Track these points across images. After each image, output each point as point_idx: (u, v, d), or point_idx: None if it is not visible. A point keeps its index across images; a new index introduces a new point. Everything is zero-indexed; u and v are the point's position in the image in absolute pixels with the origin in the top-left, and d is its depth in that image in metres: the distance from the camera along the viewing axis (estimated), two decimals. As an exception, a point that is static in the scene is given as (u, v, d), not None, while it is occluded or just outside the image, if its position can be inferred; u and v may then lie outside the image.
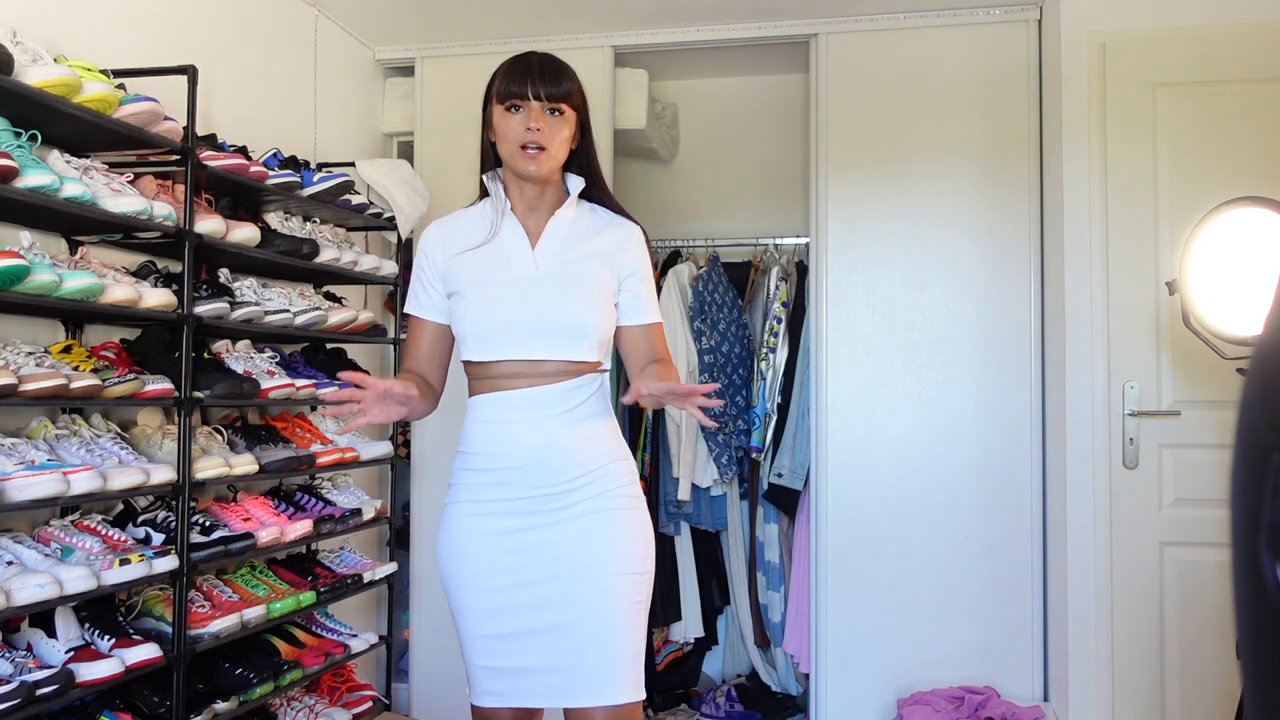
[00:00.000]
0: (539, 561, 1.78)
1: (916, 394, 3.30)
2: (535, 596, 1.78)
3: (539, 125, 1.79)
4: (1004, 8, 3.27)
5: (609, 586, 1.77)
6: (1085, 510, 2.94)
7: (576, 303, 1.81)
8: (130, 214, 2.11)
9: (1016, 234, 3.27)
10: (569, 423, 1.79)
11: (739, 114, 4.16)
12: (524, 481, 1.79)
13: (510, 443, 1.79)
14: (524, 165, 1.80)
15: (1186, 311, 2.21)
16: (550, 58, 1.86)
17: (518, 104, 1.80)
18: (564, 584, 1.77)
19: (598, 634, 1.75)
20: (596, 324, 1.81)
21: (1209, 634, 2.82)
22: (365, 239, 3.52)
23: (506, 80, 1.82)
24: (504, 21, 3.48)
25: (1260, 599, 0.56)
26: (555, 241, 1.86)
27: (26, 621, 2.00)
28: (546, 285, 1.82)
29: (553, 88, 1.81)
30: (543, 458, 1.78)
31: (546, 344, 1.79)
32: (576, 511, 1.79)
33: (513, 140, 1.80)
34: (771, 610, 3.68)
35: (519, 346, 1.79)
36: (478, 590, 1.81)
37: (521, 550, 1.79)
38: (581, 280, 1.83)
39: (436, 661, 3.57)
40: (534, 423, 1.79)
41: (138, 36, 2.56)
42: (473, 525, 1.82)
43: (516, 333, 1.79)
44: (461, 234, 1.89)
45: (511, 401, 1.80)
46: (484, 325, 1.80)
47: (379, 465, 3.22)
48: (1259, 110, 2.85)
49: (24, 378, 1.89)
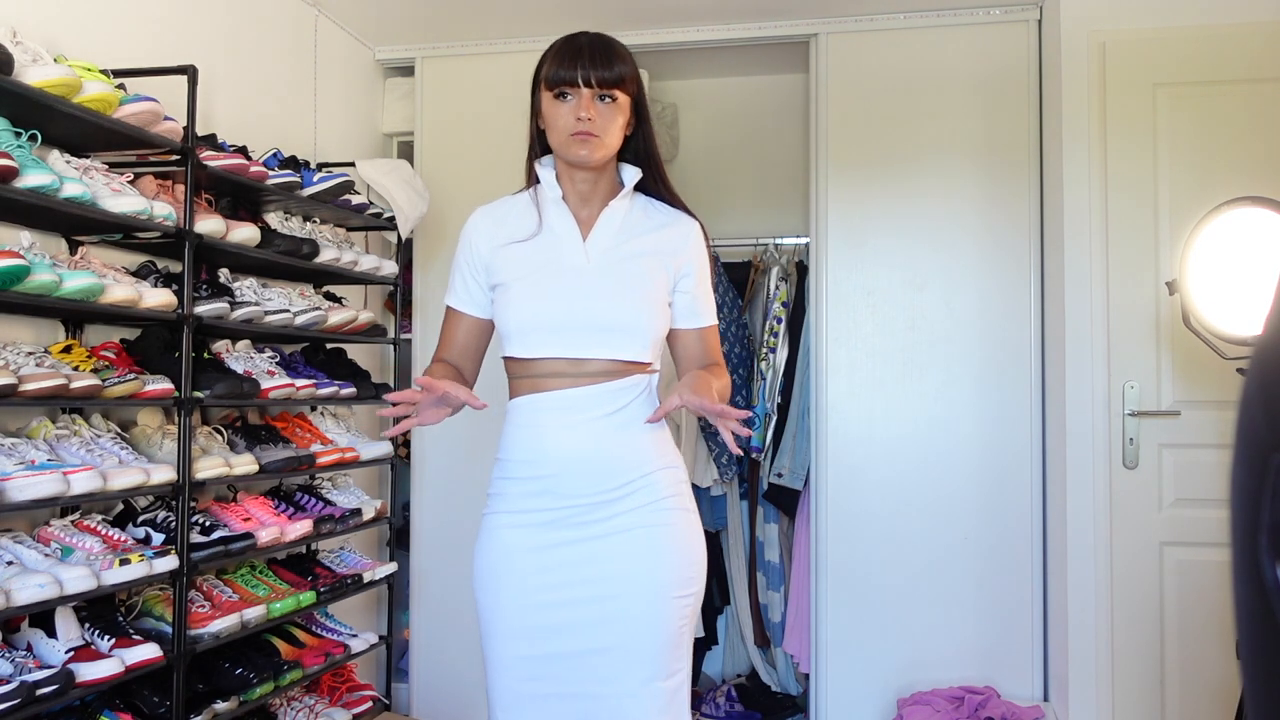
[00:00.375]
0: (581, 579, 1.65)
1: (916, 394, 3.30)
2: (575, 618, 1.65)
3: (590, 113, 1.67)
4: (1004, 8, 3.27)
5: (658, 612, 1.64)
6: (1085, 510, 2.94)
7: (629, 300, 1.69)
8: (130, 214, 2.11)
9: (1016, 234, 3.27)
10: (613, 426, 1.66)
11: (739, 114, 4.16)
12: (563, 490, 1.66)
13: (548, 447, 1.66)
14: (575, 151, 1.68)
15: (1186, 311, 2.21)
16: (602, 38, 1.73)
17: (567, 91, 1.69)
18: (608, 606, 1.64)
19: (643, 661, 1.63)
20: (649, 323, 1.69)
21: (1209, 634, 2.82)
22: (365, 239, 3.52)
23: (555, 65, 1.70)
24: (504, 21, 3.48)
25: (1260, 599, 0.56)
26: (608, 234, 1.74)
27: (26, 621, 2.00)
28: (597, 280, 1.70)
29: (604, 72, 1.68)
30: (583, 463, 1.65)
31: (595, 342, 1.67)
32: (620, 524, 1.66)
33: (562, 129, 1.68)
34: (771, 610, 3.68)
35: (565, 344, 1.67)
36: (514, 608, 1.67)
37: (562, 566, 1.66)
38: (635, 276, 1.71)
39: (436, 661, 3.57)
40: (574, 426, 1.66)
41: (138, 36, 2.56)
42: (510, 538, 1.69)
43: (563, 329, 1.67)
44: (508, 223, 1.77)
45: (551, 403, 1.67)
46: (529, 320, 1.68)
47: (379, 465, 3.22)
48: (1259, 110, 2.85)
49: (24, 378, 1.89)
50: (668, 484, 1.71)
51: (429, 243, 3.63)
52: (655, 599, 1.65)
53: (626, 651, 1.64)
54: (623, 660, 1.63)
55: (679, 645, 1.68)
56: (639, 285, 1.71)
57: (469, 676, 3.50)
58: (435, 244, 3.62)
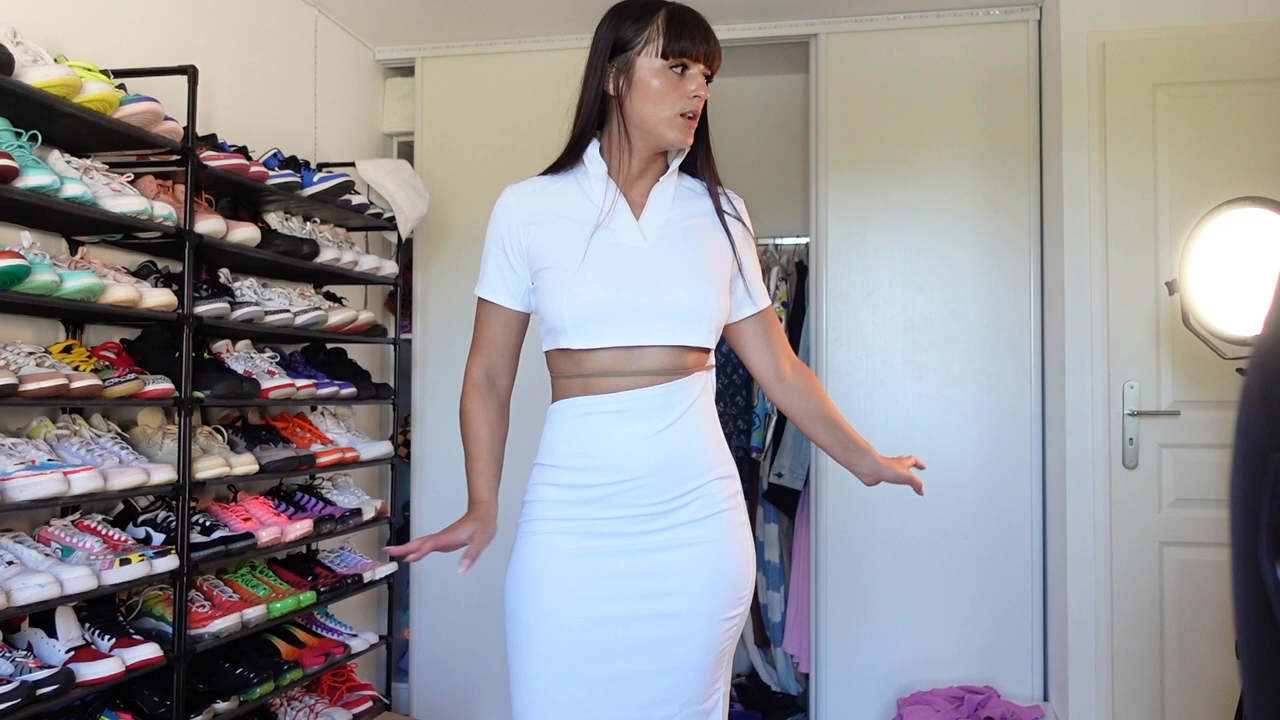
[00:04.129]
0: (634, 594, 1.54)
1: (916, 394, 3.30)
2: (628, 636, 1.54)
3: (704, 94, 1.58)
4: (1004, 8, 3.27)
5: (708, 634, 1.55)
6: (1085, 510, 2.94)
7: (692, 279, 1.57)
8: (130, 214, 2.11)
9: (1016, 234, 3.27)
10: (671, 434, 1.55)
11: (739, 114, 4.16)
12: (618, 500, 1.54)
13: (604, 456, 1.54)
14: (680, 135, 1.57)
15: (1186, 311, 2.21)
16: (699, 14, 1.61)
17: (687, 64, 1.56)
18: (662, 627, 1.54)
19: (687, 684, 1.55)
20: (715, 304, 1.57)
21: (1209, 634, 2.82)
22: (365, 239, 3.52)
23: (676, 35, 1.55)
24: (504, 21, 3.48)
25: (1260, 599, 0.56)
26: (661, 211, 1.61)
27: (27, 621, 2.00)
28: (657, 260, 1.57)
29: (718, 57, 1.60)
30: (643, 475, 1.53)
31: (656, 328, 1.54)
32: (676, 538, 1.55)
33: (672, 105, 1.55)
34: (771, 610, 3.68)
35: (623, 332, 1.53)
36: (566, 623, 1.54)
37: (614, 578, 1.54)
38: (697, 253, 1.60)
39: (436, 661, 3.57)
40: (631, 435, 1.54)
41: (138, 36, 2.56)
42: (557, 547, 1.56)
43: (622, 315, 1.53)
44: (547, 201, 1.62)
45: (606, 406, 1.55)
46: (587, 308, 1.53)
47: (379, 465, 3.22)
48: (1259, 110, 2.85)
49: (24, 378, 1.89)
50: (725, 495, 1.60)
51: (429, 243, 3.63)
52: (708, 621, 1.56)
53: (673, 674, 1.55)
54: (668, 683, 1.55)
55: (720, 666, 1.60)
56: (702, 263, 1.60)
57: (469, 676, 3.50)
58: (435, 244, 3.62)
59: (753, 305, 1.70)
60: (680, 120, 1.57)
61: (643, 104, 1.57)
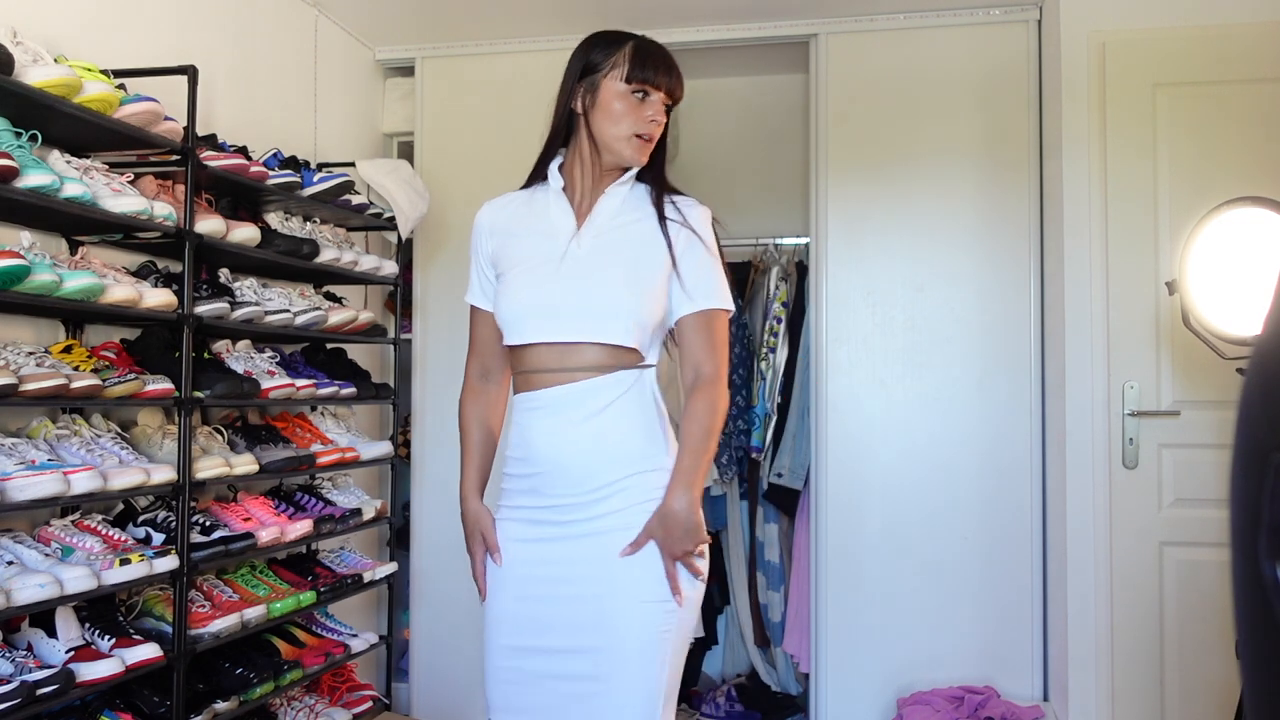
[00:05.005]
0: (559, 578, 1.68)
1: (916, 394, 3.30)
2: (554, 616, 1.68)
3: (660, 120, 1.74)
4: (1004, 8, 3.27)
5: (627, 617, 1.65)
6: (1085, 510, 2.94)
7: (616, 279, 1.69)
8: (130, 214, 2.11)
9: (1016, 234, 3.27)
10: (595, 427, 1.66)
11: (739, 114, 4.16)
12: (548, 488, 1.69)
13: (536, 447, 1.69)
14: (635, 153, 1.73)
15: (1186, 311, 2.21)
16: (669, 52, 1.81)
17: (648, 92, 1.73)
18: (582, 608, 1.66)
19: (611, 667, 1.64)
20: (636, 303, 1.68)
21: (1209, 634, 2.82)
22: (365, 239, 3.52)
23: (640, 64, 1.73)
24: (504, 21, 3.48)
25: (1260, 599, 0.56)
26: (605, 217, 1.75)
27: (27, 621, 2.00)
28: (588, 262, 1.71)
29: (680, 88, 1.78)
30: (564, 464, 1.67)
31: (577, 326, 1.67)
32: (598, 527, 1.67)
33: (630, 125, 1.72)
34: (771, 610, 3.68)
35: (549, 329, 1.68)
36: (508, 598, 1.73)
37: (545, 563, 1.70)
38: (626, 256, 1.71)
39: (436, 661, 3.57)
40: (558, 428, 1.67)
41: (138, 36, 2.56)
42: (506, 531, 1.76)
43: (547, 314, 1.68)
44: (510, 215, 1.81)
45: (538, 402, 1.70)
46: (516, 307, 1.71)
47: (379, 465, 3.22)
48: (1259, 110, 2.85)
49: (24, 378, 1.89)
50: (653, 486, 1.69)
51: (429, 243, 3.63)
52: (629, 602, 1.66)
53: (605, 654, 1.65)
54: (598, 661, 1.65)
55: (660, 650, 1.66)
56: (629, 265, 1.70)
57: (469, 676, 3.50)
58: (435, 244, 3.62)
59: (689, 305, 1.74)
60: (636, 140, 1.73)
61: (604, 122, 1.73)
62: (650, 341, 1.72)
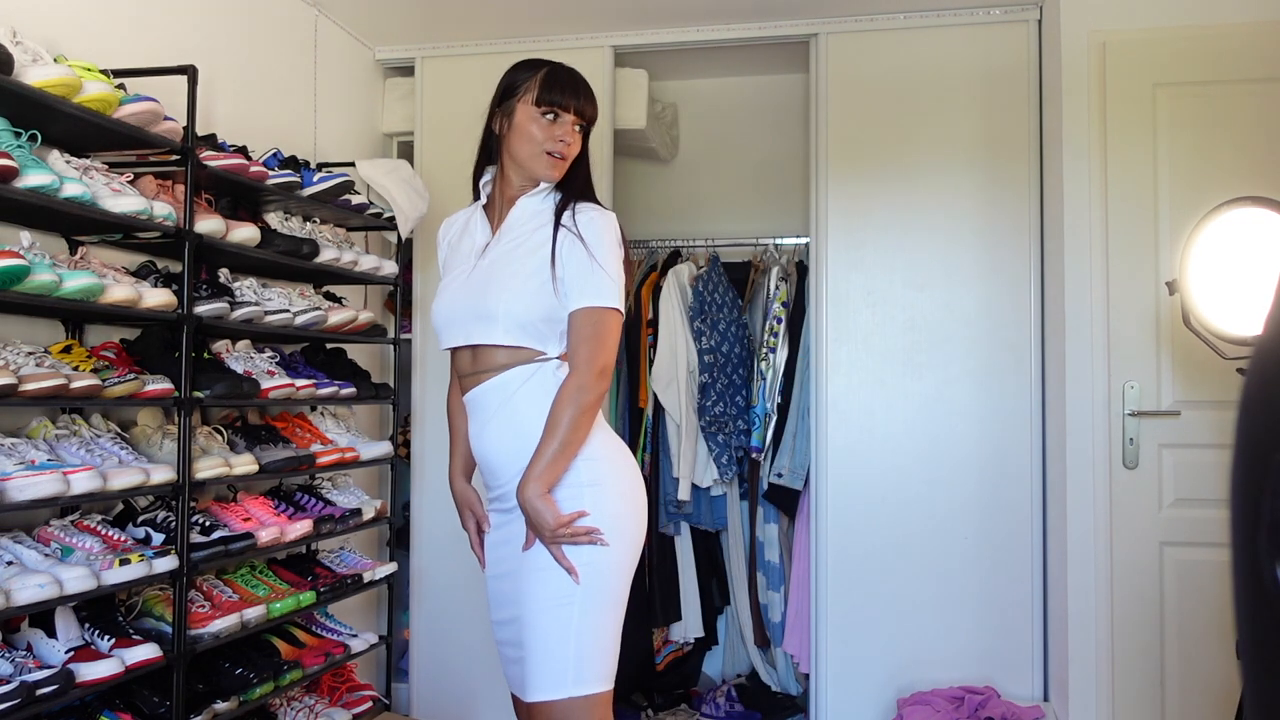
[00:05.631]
0: (499, 558, 1.94)
1: (916, 394, 3.30)
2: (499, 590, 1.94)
3: (570, 139, 1.89)
4: (1004, 8, 3.27)
5: (527, 586, 1.83)
6: (1085, 510, 2.94)
7: (500, 285, 1.85)
8: (130, 214, 2.11)
9: (1016, 234, 3.27)
10: (504, 418, 1.85)
11: (739, 114, 4.16)
12: (489, 480, 1.94)
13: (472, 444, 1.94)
14: (547, 170, 1.89)
15: (1186, 311, 2.21)
16: (582, 77, 1.96)
17: (558, 113, 1.89)
18: (508, 582, 1.90)
19: (524, 631, 1.83)
20: (509, 307, 1.82)
21: (1209, 634, 2.82)
22: (365, 239, 3.52)
23: (549, 88, 1.89)
24: (504, 21, 3.48)
25: (1260, 599, 0.56)
26: (511, 230, 1.93)
27: (26, 621, 2.00)
28: (484, 271, 1.89)
29: (590, 109, 1.93)
30: (488, 457, 1.89)
31: (468, 330, 1.87)
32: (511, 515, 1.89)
33: (541, 144, 1.88)
34: (771, 610, 3.68)
35: (453, 335, 1.89)
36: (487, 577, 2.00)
37: (496, 545, 1.96)
38: (514, 263, 1.86)
39: (436, 661, 3.57)
40: (479, 423, 1.89)
41: (138, 36, 2.56)
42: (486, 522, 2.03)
43: (454, 321, 1.89)
44: (459, 230, 2.03)
45: (467, 403, 1.93)
46: (435, 316, 1.94)
47: (379, 465, 3.22)
48: (1259, 110, 2.85)
49: (24, 378, 1.89)
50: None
51: (429, 243, 3.63)
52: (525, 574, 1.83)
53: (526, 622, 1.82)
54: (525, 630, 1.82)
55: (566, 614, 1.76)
56: (514, 272, 1.85)
57: (469, 676, 3.50)
58: (435, 244, 3.60)
59: (566, 304, 1.85)
60: (547, 158, 1.89)
61: (519, 142, 1.90)
62: (544, 337, 1.84)
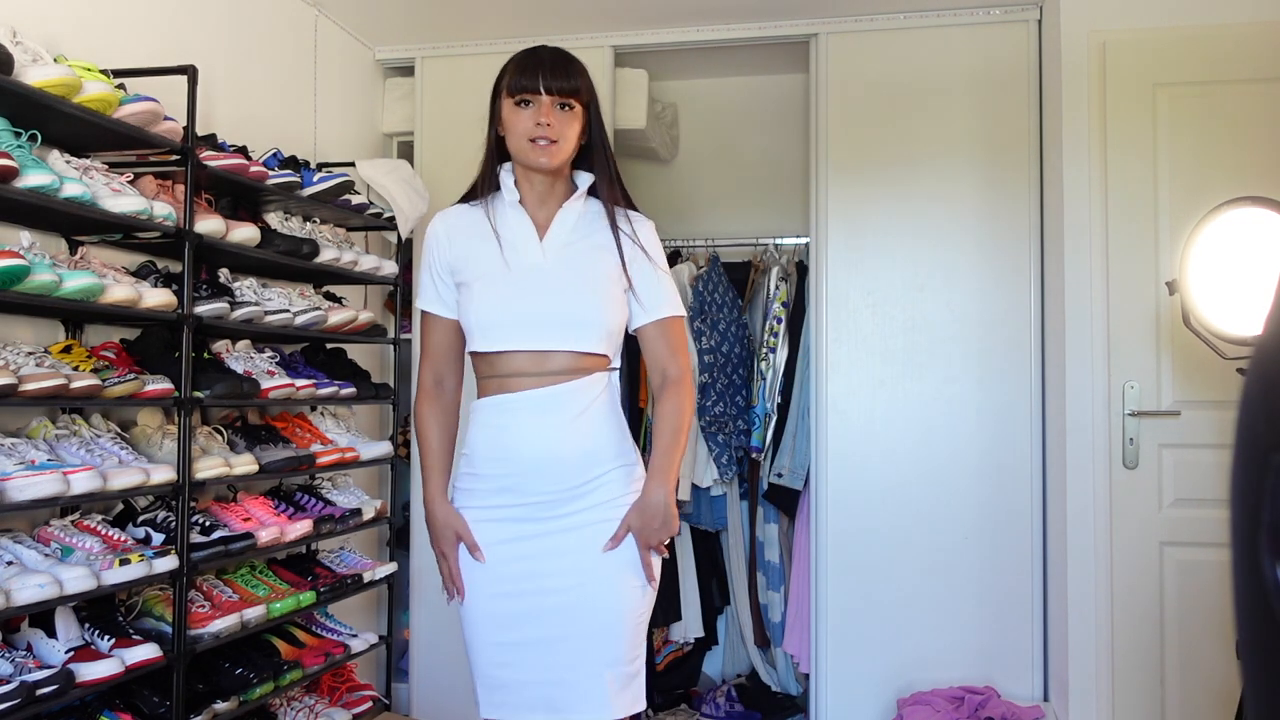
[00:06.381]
0: (542, 571, 1.78)
1: (916, 394, 3.30)
2: (538, 606, 1.78)
3: (549, 120, 1.79)
4: (1004, 8, 3.27)
5: (611, 603, 1.77)
6: (1085, 510, 2.93)
7: (585, 292, 1.80)
8: (130, 214, 2.11)
9: (1016, 234, 3.27)
10: (574, 426, 1.77)
11: (739, 114, 4.16)
12: (528, 487, 1.78)
13: (514, 448, 1.78)
14: (535, 157, 1.80)
15: (1186, 311, 2.21)
16: (560, 52, 1.85)
17: (528, 99, 1.80)
18: (566, 597, 1.77)
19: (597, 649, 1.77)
20: (603, 315, 1.80)
21: (1209, 634, 2.82)
22: (365, 239, 3.52)
23: (517, 74, 1.81)
24: (504, 21, 3.48)
25: (1260, 599, 0.56)
26: (563, 232, 1.85)
27: (26, 621, 2.00)
28: (555, 275, 1.81)
29: (563, 82, 1.80)
30: (547, 463, 1.77)
31: (553, 335, 1.78)
32: (579, 521, 1.78)
33: (522, 134, 1.80)
34: (771, 610, 3.68)
35: (526, 337, 1.78)
36: (485, 596, 1.82)
37: (526, 558, 1.79)
38: (591, 270, 1.82)
39: (436, 661, 3.57)
40: (539, 427, 1.77)
41: (138, 36, 2.56)
42: (481, 532, 1.82)
43: (524, 323, 1.78)
44: (468, 225, 1.89)
45: (517, 404, 1.78)
46: (491, 315, 1.79)
47: (379, 465, 3.22)
48: (1259, 110, 2.85)
49: (24, 378, 1.89)
50: (623, 481, 1.83)
51: (429, 243, 3.63)
52: (613, 588, 1.78)
53: (588, 638, 1.77)
54: (585, 646, 1.77)
55: (638, 631, 1.81)
56: (594, 278, 1.82)
57: (469, 677, 3.50)
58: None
59: (645, 316, 1.89)
60: (530, 145, 1.80)
61: (509, 137, 1.83)
62: (617, 345, 1.86)
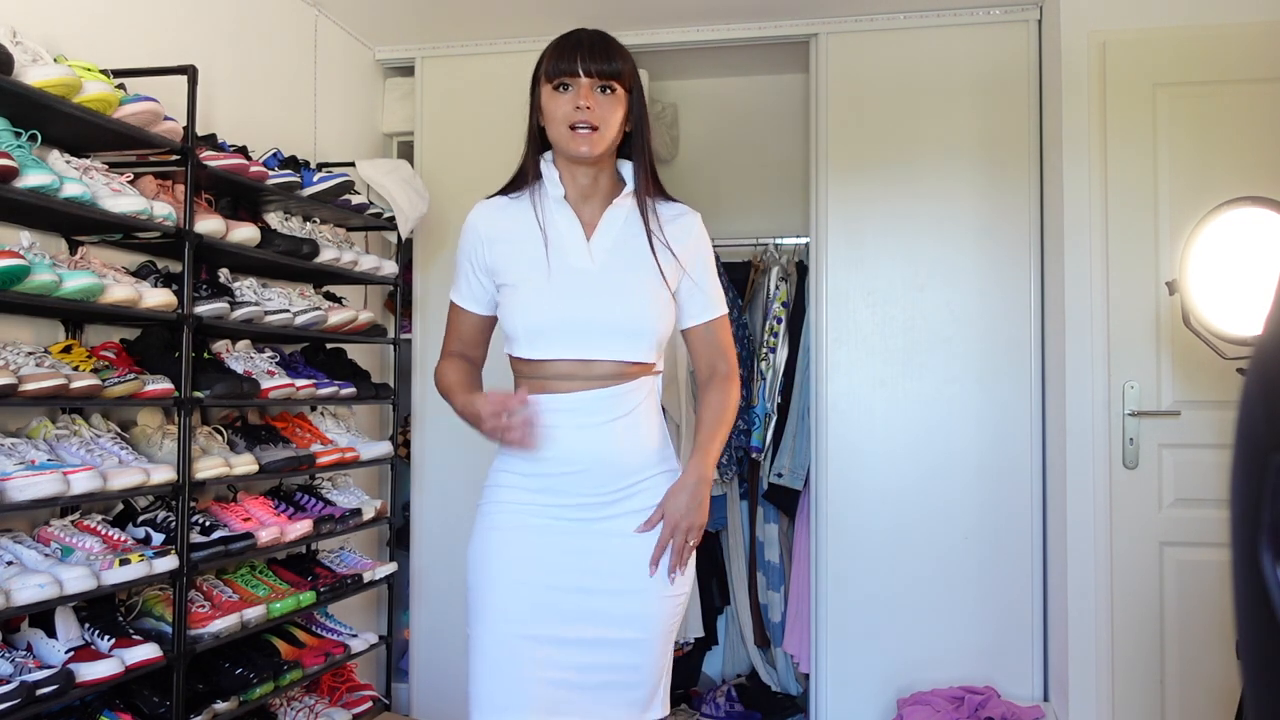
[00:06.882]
0: (580, 569, 1.70)
1: (916, 394, 3.30)
2: (567, 605, 1.70)
3: (589, 103, 1.69)
4: (1004, 8, 3.27)
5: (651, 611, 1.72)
6: (1085, 510, 2.93)
7: (635, 300, 1.72)
8: (130, 214, 2.11)
9: (1016, 233, 3.27)
10: (619, 429, 1.71)
11: (739, 114, 4.16)
12: (570, 489, 1.71)
13: (557, 449, 1.69)
14: (575, 146, 1.70)
15: (1186, 311, 2.21)
16: (601, 34, 1.75)
17: (567, 82, 1.70)
18: (604, 600, 1.70)
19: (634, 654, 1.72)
20: (655, 324, 1.73)
21: (1209, 634, 2.82)
22: (365, 239, 3.52)
23: (555, 58, 1.72)
24: (504, 21, 3.48)
25: (1260, 599, 0.56)
26: (611, 234, 1.76)
27: (26, 621, 2.00)
28: (604, 281, 1.72)
29: (604, 64, 1.70)
30: (590, 466, 1.70)
31: (602, 344, 1.70)
32: (617, 526, 1.71)
33: (561, 120, 1.70)
34: (771, 610, 3.68)
35: (573, 346, 1.70)
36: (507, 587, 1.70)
37: (565, 554, 1.70)
38: (641, 276, 1.74)
39: (436, 661, 3.57)
40: (583, 429, 1.69)
41: (138, 36, 2.56)
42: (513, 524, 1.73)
43: (572, 331, 1.69)
44: (509, 221, 1.78)
45: (561, 405, 1.69)
46: (537, 322, 1.70)
47: (379, 465, 3.22)
48: (1259, 110, 2.85)
49: (24, 378, 1.89)
50: (665, 486, 1.76)
51: (429, 243, 3.63)
52: (649, 597, 1.72)
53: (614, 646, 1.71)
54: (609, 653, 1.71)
55: (668, 641, 1.77)
56: (645, 286, 1.74)
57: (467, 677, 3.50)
58: (435, 244, 3.62)
59: (695, 318, 1.84)
60: (569, 132, 1.70)
61: (548, 125, 1.75)
62: (662, 352, 1.80)
